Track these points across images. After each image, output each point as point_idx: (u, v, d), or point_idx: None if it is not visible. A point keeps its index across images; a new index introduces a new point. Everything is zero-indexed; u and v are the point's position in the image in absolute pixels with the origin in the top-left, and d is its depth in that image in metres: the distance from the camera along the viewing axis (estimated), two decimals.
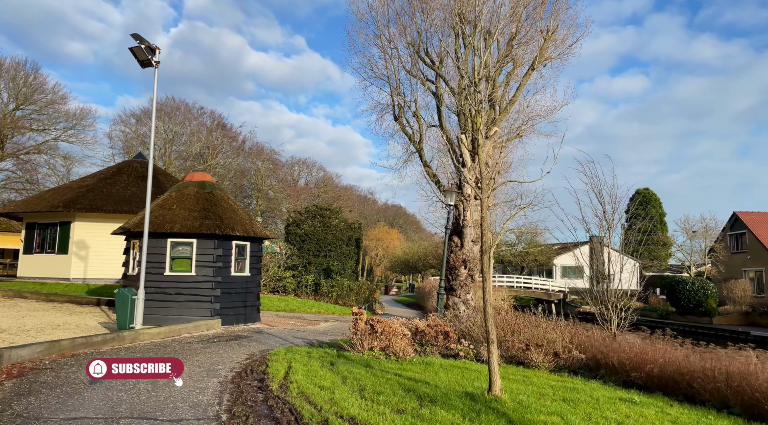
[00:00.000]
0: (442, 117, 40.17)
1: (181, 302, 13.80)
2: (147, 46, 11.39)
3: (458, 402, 6.61)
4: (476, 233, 19.52)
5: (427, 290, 31.36)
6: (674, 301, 36.79)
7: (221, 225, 13.94)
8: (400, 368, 9.23)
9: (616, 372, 9.50)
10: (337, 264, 23.73)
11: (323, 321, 17.96)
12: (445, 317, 17.52)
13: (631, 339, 12.07)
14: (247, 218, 15.14)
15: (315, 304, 21.50)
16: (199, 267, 13.93)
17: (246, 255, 14.88)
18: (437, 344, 11.87)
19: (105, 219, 22.20)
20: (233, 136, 67.70)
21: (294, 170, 78.52)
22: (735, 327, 31.46)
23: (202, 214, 14.04)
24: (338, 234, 24.27)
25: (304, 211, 25.39)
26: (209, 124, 65.94)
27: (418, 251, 69.82)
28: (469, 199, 19.35)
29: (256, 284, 15.41)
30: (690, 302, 35.70)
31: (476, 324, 12.95)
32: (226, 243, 14.28)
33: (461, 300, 19.10)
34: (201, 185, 15.06)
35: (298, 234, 24.24)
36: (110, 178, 24.30)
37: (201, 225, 13.71)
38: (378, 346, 10.61)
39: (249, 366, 8.95)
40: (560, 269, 60.21)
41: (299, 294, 23.75)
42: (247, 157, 69.45)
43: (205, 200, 14.55)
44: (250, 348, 11.02)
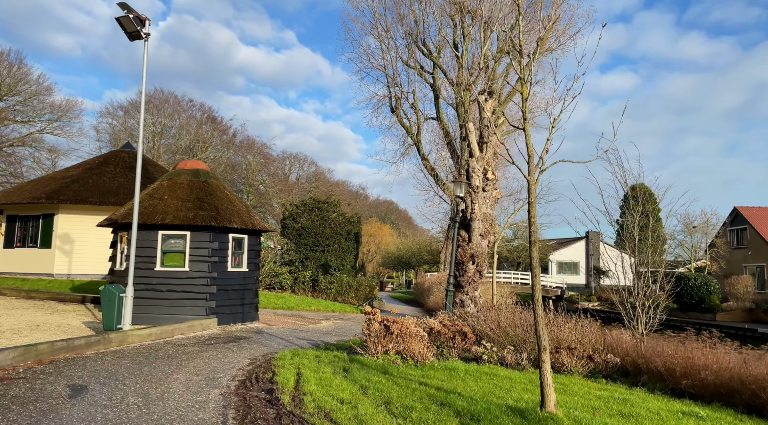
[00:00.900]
0: (440, 109, 39.25)
1: (174, 300, 12.69)
2: (135, 16, 10.25)
3: (507, 420, 5.61)
4: (485, 227, 18.56)
5: (426, 286, 30.40)
6: (676, 297, 36.13)
7: (217, 217, 12.84)
8: (423, 375, 8.23)
9: (661, 379, 8.56)
10: (335, 259, 22.67)
11: (324, 319, 16.93)
12: (454, 315, 16.58)
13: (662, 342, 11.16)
14: (244, 209, 14.05)
15: (314, 301, 20.44)
16: (193, 262, 12.83)
17: (244, 250, 13.80)
18: (455, 346, 10.89)
19: (91, 211, 20.97)
20: (223, 130, 66.39)
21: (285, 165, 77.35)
22: (741, 324, 30.83)
23: (196, 205, 12.92)
24: (337, 228, 23.19)
25: (300, 203, 24.28)
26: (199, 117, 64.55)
27: (411, 247, 68.86)
28: (477, 190, 18.38)
29: (255, 280, 14.33)
30: (693, 298, 35.10)
31: (494, 323, 11.99)
32: (223, 236, 13.18)
33: (469, 297, 18.15)
34: (194, 173, 13.94)
35: (295, 228, 23.14)
36: (96, 168, 23.03)
37: (195, 217, 12.60)
38: (393, 349, 9.61)
39: (253, 374, 7.90)
40: (556, 265, 59.62)
41: (296, 290, 22.68)
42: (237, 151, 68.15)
43: (199, 189, 13.43)
44: (251, 351, 9.96)
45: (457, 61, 36.90)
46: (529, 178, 6.10)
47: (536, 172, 6.11)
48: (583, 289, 55.73)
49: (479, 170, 18.47)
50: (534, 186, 6.10)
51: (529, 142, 6.11)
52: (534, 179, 6.10)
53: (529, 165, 6.11)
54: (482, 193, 18.62)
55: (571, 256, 60.60)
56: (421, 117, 38.51)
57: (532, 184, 6.09)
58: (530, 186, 6.09)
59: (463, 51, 36.21)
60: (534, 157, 6.11)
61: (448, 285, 16.77)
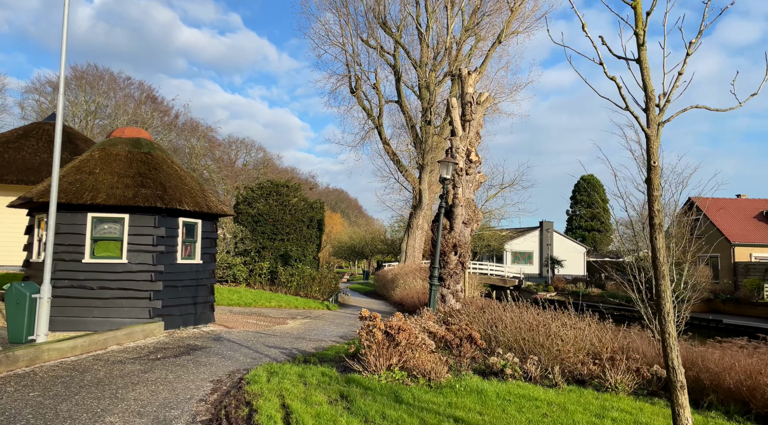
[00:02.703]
0: (401, 92, 37.09)
1: (108, 299, 10.15)
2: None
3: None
4: (468, 214, 16.73)
5: (389, 278, 28.42)
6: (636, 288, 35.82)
7: (164, 196, 10.34)
8: (448, 403, 6.23)
9: (733, 400, 6.90)
10: (296, 249, 20.31)
11: (290, 318, 14.67)
12: (439, 312, 14.70)
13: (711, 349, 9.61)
14: (197, 188, 11.57)
15: (273, 296, 18.09)
16: (133, 253, 10.30)
17: (197, 237, 11.35)
18: (462, 354, 8.95)
19: (7, 191, 17.74)
20: (165, 111, 62.09)
21: (231, 150, 73.76)
22: (705, 315, 30.61)
23: (137, 181, 10.37)
24: (298, 214, 20.79)
25: (257, 187, 21.68)
26: (138, 96, 60.04)
27: (365, 236, 66.88)
28: (461, 173, 16.49)
29: (210, 274, 11.91)
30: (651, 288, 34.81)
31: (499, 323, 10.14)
32: (171, 220, 10.70)
33: (451, 291, 16.31)
34: (135, 143, 11.33)
35: (251, 214, 20.60)
36: (15, 142, 19.67)
37: (136, 196, 10.06)
38: (398, 364, 7.55)
39: (222, 409, 5.66)
40: (511, 255, 59.11)
41: (252, 283, 20.21)
42: (180, 134, 63.99)
43: (141, 162, 10.85)
44: (212, 368, 7.66)
45: (421, 41, 34.92)
46: (649, 131, 4.14)
47: (657, 123, 4.16)
48: (537, 279, 55.49)
49: (463, 150, 16.59)
50: (655, 142, 4.14)
51: (648, 79, 4.14)
52: (655, 132, 4.15)
53: (647, 110, 4.15)
54: (465, 176, 16.76)
55: (526, 246, 60.31)
56: (383, 98, 36.35)
57: (653, 140, 4.13)
58: (650, 142, 4.14)
59: (428, 27, 34.24)
60: (653, 100, 4.16)
61: (431, 278, 14.85)
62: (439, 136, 34.66)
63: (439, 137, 34.65)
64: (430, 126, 34.45)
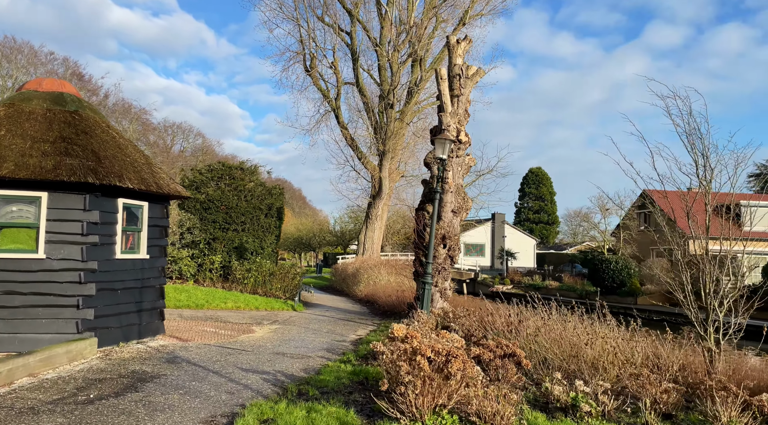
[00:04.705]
0: (358, 73, 34.56)
1: (17, 309, 7.39)
2: None
3: None
4: (458, 201, 14.72)
5: (350, 272, 26.14)
6: (596, 281, 35.30)
7: (98, 169, 7.64)
8: None
9: None
10: (253, 240, 17.66)
11: (254, 323, 12.16)
12: (432, 315, 12.61)
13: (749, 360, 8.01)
14: (142, 160, 8.88)
15: (228, 295, 15.45)
16: (54, 245, 7.56)
17: (142, 225, 8.69)
18: (506, 378, 6.87)
19: None
20: (93, 90, 56.95)
21: (167, 134, 69.21)
22: (669, 310, 30.15)
23: (59, 148, 7.62)
24: (255, 201, 18.10)
25: (205, 169, 18.75)
26: (62, 73, 54.60)
27: (312, 227, 64.17)
28: (451, 155, 14.44)
29: (159, 272, 9.26)
30: (614, 282, 34.34)
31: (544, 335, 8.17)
32: (108, 201, 8.01)
33: (438, 289, 14.28)
34: (56, 99, 8.50)
35: (200, 200, 17.75)
36: None
37: (58, 167, 7.33)
38: (448, 404, 5.36)
39: None
40: (463, 247, 58.08)
41: (201, 280, 17.43)
42: (110, 115, 58.93)
43: (65, 124, 8.07)
44: (174, 415, 5.20)
45: (382, 18, 32.58)
46: None
47: None
48: (490, 271, 54.75)
49: (453, 127, 14.53)
50: None
51: None
52: None
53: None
54: (456, 159, 14.73)
55: (478, 238, 59.53)
56: (341, 79, 33.75)
57: None
58: None
59: (389, 1, 31.89)
60: None
61: (425, 275, 12.73)
62: (400, 121, 32.54)
63: (400, 122, 32.53)
64: (392, 109, 32.26)
